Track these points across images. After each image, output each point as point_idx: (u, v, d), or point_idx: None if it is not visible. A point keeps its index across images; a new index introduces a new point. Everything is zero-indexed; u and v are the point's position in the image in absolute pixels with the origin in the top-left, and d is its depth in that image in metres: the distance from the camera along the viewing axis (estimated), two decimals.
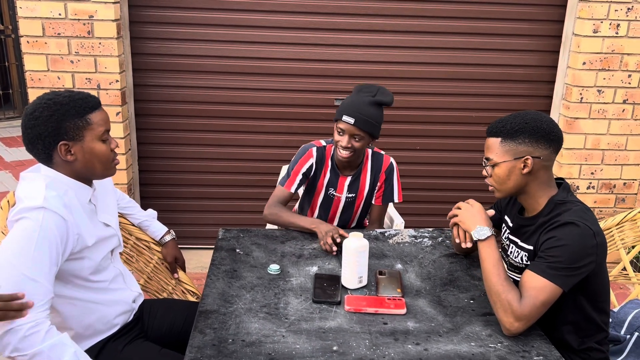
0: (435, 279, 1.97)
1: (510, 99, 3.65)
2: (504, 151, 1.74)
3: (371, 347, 1.57)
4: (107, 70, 3.19)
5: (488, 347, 1.59)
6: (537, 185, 1.75)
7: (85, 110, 1.63)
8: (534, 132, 1.71)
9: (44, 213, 1.53)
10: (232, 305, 1.75)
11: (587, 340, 1.77)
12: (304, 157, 2.44)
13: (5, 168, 5.37)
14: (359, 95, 2.29)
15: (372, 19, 3.45)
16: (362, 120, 2.23)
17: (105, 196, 1.84)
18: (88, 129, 1.63)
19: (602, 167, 3.59)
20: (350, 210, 2.54)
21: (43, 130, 1.59)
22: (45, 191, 1.57)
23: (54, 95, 1.63)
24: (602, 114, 3.48)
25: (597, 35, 3.34)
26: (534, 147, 1.71)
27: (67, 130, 1.60)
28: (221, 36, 3.42)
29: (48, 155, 1.63)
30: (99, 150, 1.66)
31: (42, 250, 1.49)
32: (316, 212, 2.57)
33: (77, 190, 1.68)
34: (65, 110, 1.60)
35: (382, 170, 2.48)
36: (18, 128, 6.64)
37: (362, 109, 2.24)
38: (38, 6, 3.06)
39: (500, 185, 1.77)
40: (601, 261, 1.68)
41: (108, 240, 1.78)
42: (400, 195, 2.52)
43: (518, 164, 1.72)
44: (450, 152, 3.74)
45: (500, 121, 1.76)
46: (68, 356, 1.47)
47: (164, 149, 3.59)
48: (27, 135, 1.61)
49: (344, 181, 2.46)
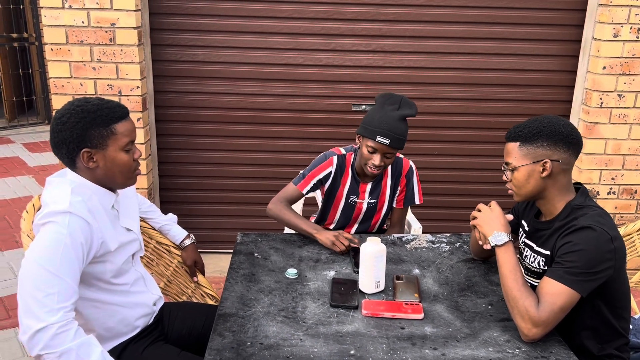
0: (452, 284, 1.96)
1: (530, 104, 3.63)
2: (522, 155, 1.74)
3: (388, 352, 1.57)
4: (128, 77, 3.25)
5: (506, 353, 1.58)
6: (556, 190, 1.75)
7: (112, 120, 1.65)
8: (551, 135, 1.71)
9: (69, 217, 1.56)
10: (250, 309, 1.76)
11: (606, 347, 1.75)
12: (324, 164, 2.44)
13: (28, 173, 5.48)
14: (384, 109, 2.26)
15: (390, 25, 3.46)
16: (396, 140, 2.23)
17: (127, 201, 1.87)
18: (112, 138, 1.65)
19: (622, 173, 3.54)
20: (371, 216, 2.54)
21: (68, 135, 1.62)
22: (71, 196, 1.60)
23: (84, 102, 1.66)
24: (623, 119, 3.45)
25: (618, 40, 3.32)
26: (552, 150, 1.71)
27: (91, 138, 1.63)
28: (240, 43, 3.46)
29: (72, 160, 1.67)
30: (121, 160, 1.68)
31: (68, 253, 1.53)
32: (336, 219, 2.58)
33: (100, 196, 1.71)
34: (91, 118, 1.62)
35: (403, 175, 2.48)
36: (41, 134, 6.77)
37: (394, 128, 2.22)
38: (62, 14, 3.13)
39: (520, 190, 1.78)
40: (620, 266, 1.67)
41: (129, 244, 1.81)
42: (420, 197, 2.53)
43: (537, 168, 1.72)
44: (468, 158, 3.73)
45: (519, 126, 1.77)
46: (95, 355, 1.49)
47: (184, 154, 3.63)
48: (54, 138, 1.65)
49: (365, 188, 2.47)
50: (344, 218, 2.56)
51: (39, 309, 1.45)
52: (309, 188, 2.44)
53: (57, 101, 3.25)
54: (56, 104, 3.25)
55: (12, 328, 3.00)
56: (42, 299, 1.46)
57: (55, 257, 1.50)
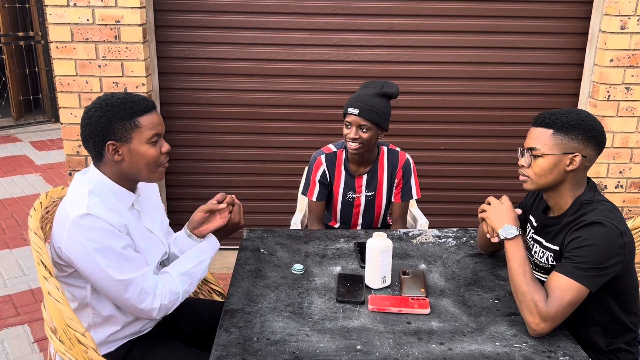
0: (459, 278, 1.96)
1: (536, 98, 3.61)
2: (554, 143, 1.70)
3: (395, 347, 1.57)
4: (133, 74, 3.25)
5: (513, 347, 1.58)
6: (571, 185, 1.73)
7: (135, 113, 1.66)
8: (588, 130, 1.69)
9: (90, 218, 1.59)
10: (256, 305, 1.77)
11: (615, 341, 1.74)
12: (315, 166, 2.50)
13: (36, 171, 5.50)
14: (364, 89, 2.36)
15: (394, 19, 3.45)
16: (367, 110, 2.28)
17: (149, 203, 1.89)
18: (136, 131, 1.66)
19: (630, 166, 3.52)
20: (371, 210, 2.55)
21: (94, 129, 1.65)
22: (88, 198, 1.62)
23: (110, 96, 1.69)
24: (631, 112, 3.42)
25: (625, 32, 3.29)
26: (584, 145, 1.69)
27: (116, 131, 1.65)
28: (245, 39, 3.46)
29: (99, 153, 1.69)
30: (145, 153, 1.69)
31: (113, 239, 1.61)
32: (338, 216, 2.58)
33: (120, 196, 1.73)
34: (115, 111, 1.64)
35: (399, 167, 2.49)
36: (48, 132, 6.80)
37: (367, 100, 2.30)
38: (67, 12, 3.14)
39: (539, 178, 1.73)
40: (629, 261, 1.66)
41: (154, 248, 1.82)
42: (418, 192, 2.54)
43: (565, 160, 1.69)
44: (474, 152, 3.71)
45: (554, 113, 1.72)
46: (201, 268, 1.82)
47: (190, 151, 3.64)
48: (82, 132, 1.69)
49: (361, 181, 2.48)
50: (345, 216, 2.57)
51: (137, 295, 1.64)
52: (317, 192, 2.49)
53: (63, 99, 3.26)
54: (62, 102, 3.26)
55: (20, 325, 3.02)
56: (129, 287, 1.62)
57: (109, 250, 1.60)
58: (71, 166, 3.36)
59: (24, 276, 3.53)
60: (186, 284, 1.76)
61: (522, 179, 1.78)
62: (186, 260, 1.81)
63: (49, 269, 1.58)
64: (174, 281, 1.74)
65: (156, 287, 1.68)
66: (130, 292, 1.63)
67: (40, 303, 3.10)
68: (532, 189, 1.78)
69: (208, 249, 1.87)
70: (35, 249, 1.63)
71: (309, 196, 2.51)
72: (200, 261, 1.82)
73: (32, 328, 3.00)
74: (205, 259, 1.85)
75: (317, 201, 2.50)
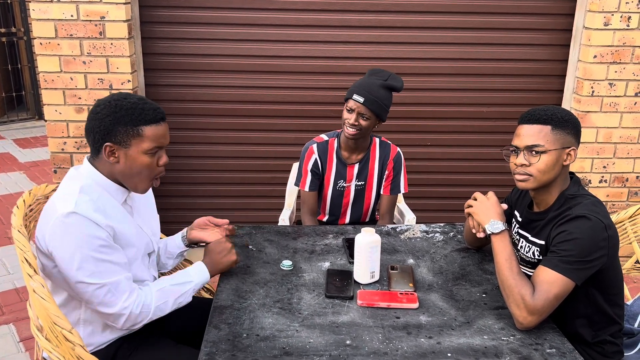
0: (447, 273, 1.97)
1: (521, 94, 3.64)
2: (555, 139, 1.71)
3: (384, 341, 1.58)
4: (118, 71, 3.22)
5: (501, 340, 1.59)
6: (560, 179, 1.75)
7: (141, 121, 1.64)
8: (576, 124, 1.74)
9: (75, 217, 1.57)
10: (246, 301, 1.76)
11: (600, 333, 1.77)
12: (307, 155, 2.52)
13: (19, 169, 5.44)
14: (370, 77, 2.37)
15: (382, 15, 3.46)
16: (371, 100, 2.30)
17: (142, 200, 1.89)
18: (137, 139, 1.65)
19: (614, 161, 3.57)
20: (360, 201, 2.56)
21: (96, 125, 1.63)
22: (78, 196, 1.61)
23: (123, 97, 1.66)
24: (614, 107, 3.46)
25: (608, 28, 3.32)
26: (575, 139, 1.74)
27: (117, 134, 1.63)
28: (231, 35, 3.44)
29: (96, 149, 1.68)
30: (141, 163, 1.68)
31: (93, 241, 1.59)
32: (327, 207, 2.59)
33: (112, 192, 1.71)
34: (121, 115, 1.63)
35: (390, 158, 2.52)
36: (31, 129, 6.73)
37: (372, 90, 2.31)
38: (50, 8, 3.10)
39: (543, 175, 1.71)
40: (613, 254, 1.68)
41: (143, 243, 1.82)
42: (406, 186, 2.57)
43: (563, 155, 1.72)
44: (460, 148, 3.73)
45: (546, 109, 1.72)
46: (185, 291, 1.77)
47: (176, 148, 3.62)
48: (86, 124, 1.67)
49: (352, 170, 2.50)
50: (334, 206, 2.57)
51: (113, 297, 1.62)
52: (309, 182, 2.50)
53: (47, 96, 3.23)
54: (47, 99, 3.23)
55: (5, 324, 2.99)
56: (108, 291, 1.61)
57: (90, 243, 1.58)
58: (56, 164, 3.32)
59: (9, 275, 3.49)
60: (161, 300, 1.72)
61: (522, 177, 1.74)
62: (168, 279, 1.79)
63: (33, 266, 1.57)
64: (151, 295, 1.71)
65: (129, 294, 1.65)
66: (100, 296, 1.61)
67: (25, 302, 3.07)
68: (532, 187, 1.75)
69: (194, 275, 1.82)
70: (19, 247, 1.61)
71: (301, 186, 2.52)
72: (182, 282, 1.78)
73: (17, 327, 2.97)
74: (189, 282, 1.79)
75: (309, 191, 2.51)
